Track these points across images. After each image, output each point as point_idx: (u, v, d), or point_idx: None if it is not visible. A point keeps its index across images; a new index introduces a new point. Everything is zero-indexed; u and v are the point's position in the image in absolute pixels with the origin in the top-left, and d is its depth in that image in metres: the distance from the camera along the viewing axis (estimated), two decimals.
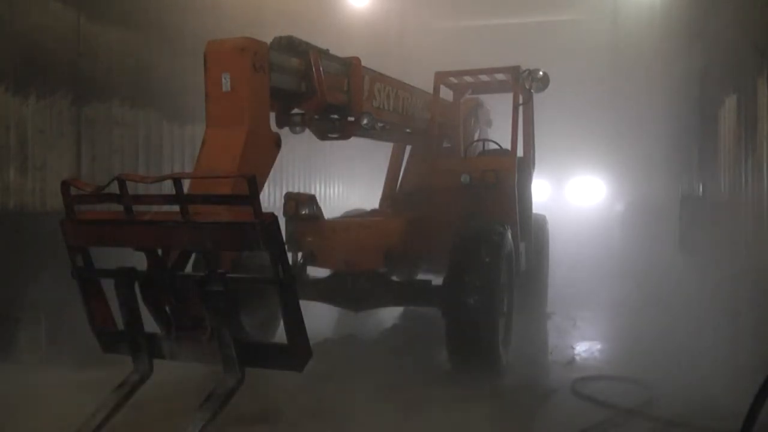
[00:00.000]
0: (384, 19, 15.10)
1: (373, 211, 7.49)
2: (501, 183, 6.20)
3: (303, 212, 6.12)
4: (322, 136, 5.38)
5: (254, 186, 2.89)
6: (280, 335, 3.27)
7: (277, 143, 4.08)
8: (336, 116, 5.15)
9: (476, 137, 7.93)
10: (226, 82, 3.81)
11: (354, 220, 6.83)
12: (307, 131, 5.05)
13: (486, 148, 7.65)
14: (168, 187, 3.06)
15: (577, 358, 6.13)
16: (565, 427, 4.52)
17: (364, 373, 5.34)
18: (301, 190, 10.59)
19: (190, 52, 7.22)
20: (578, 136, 14.68)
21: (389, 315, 7.29)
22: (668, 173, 11.10)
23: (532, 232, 7.25)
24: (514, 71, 6.74)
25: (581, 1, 14.85)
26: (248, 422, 4.22)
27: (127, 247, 3.28)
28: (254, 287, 4.21)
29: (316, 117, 4.94)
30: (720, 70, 6.65)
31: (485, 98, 8.31)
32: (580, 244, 11.52)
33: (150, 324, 3.33)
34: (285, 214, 6.06)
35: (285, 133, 4.61)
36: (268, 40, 4.30)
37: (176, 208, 3.03)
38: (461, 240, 5.47)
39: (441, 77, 7.06)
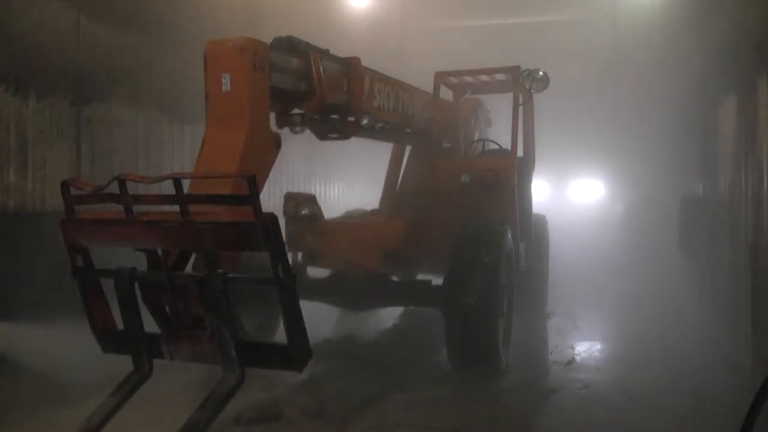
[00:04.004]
0: (384, 19, 15.08)
1: (373, 211, 7.49)
2: (501, 183, 6.20)
3: (303, 212, 6.12)
4: (322, 136, 5.38)
5: (254, 186, 2.89)
6: (280, 335, 3.26)
7: (277, 143, 4.08)
8: (336, 116, 5.15)
9: (476, 137, 7.93)
10: (225, 82, 3.81)
11: (354, 220, 6.84)
12: (307, 131, 5.05)
13: (486, 148, 7.65)
14: (168, 187, 3.06)
15: (577, 358, 6.13)
16: (564, 428, 4.52)
17: (364, 373, 5.34)
18: (301, 190, 10.59)
19: (190, 52, 7.23)
20: (578, 136, 14.67)
21: (389, 315, 7.29)
22: (668, 173, 11.10)
23: (532, 232, 7.25)
24: (514, 71, 6.74)
25: (581, 1, 14.83)
26: (248, 422, 4.22)
27: (127, 247, 3.28)
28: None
29: (316, 117, 4.94)
30: (720, 70, 6.64)
31: (485, 98, 8.31)
32: (580, 244, 11.52)
33: (150, 324, 3.33)
34: (285, 214, 6.06)
35: (285, 133, 4.61)
36: (268, 40, 4.30)
37: (176, 208, 3.02)
38: (461, 240, 5.47)
39: (441, 77, 7.06)
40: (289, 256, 5.45)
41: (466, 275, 5.21)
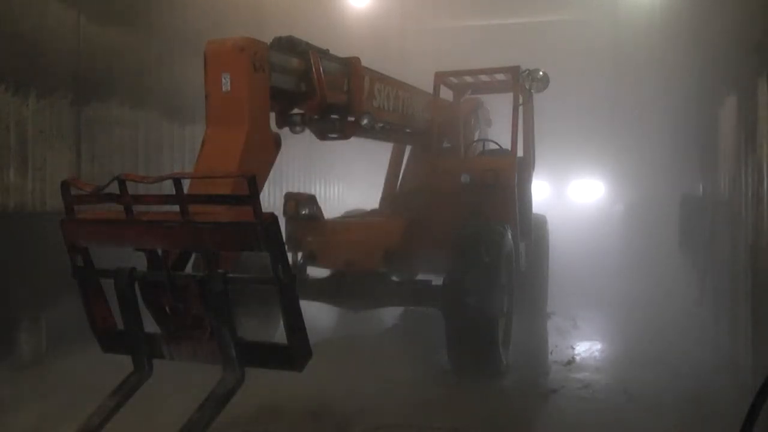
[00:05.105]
0: (384, 19, 15.08)
1: (373, 211, 7.49)
2: (501, 183, 6.20)
3: (303, 212, 6.12)
4: (322, 136, 5.38)
5: (254, 186, 2.89)
6: (280, 335, 3.27)
7: (277, 143, 4.08)
8: (336, 116, 5.15)
9: (476, 137, 7.93)
10: (225, 82, 3.81)
11: (354, 220, 6.84)
12: (307, 131, 5.05)
13: (486, 148, 7.65)
14: (168, 187, 3.06)
15: (577, 358, 6.12)
16: (564, 428, 4.52)
17: (364, 373, 5.34)
18: (301, 190, 10.59)
19: (191, 52, 7.23)
20: (578, 136, 14.69)
21: (389, 315, 7.29)
22: (668, 173, 11.09)
23: (532, 232, 7.25)
24: (514, 71, 6.74)
25: (581, 1, 14.83)
26: (248, 422, 4.22)
27: (127, 247, 3.28)
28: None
29: (316, 117, 4.94)
30: (720, 70, 6.64)
31: (485, 98, 8.31)
32: (580, 244, 11.52)
33: (150, 324, 3.33)
34: (285, 214, 6.06)
35: (285, 133, 4.61)
36: (268, 40, 4.30)
37: (176, 208, 3.02)
38: (461, 240, 5.47)
39: (441, 77, 7.06)
40: (289, 256, 5.45)
41: (466, 275, 5.21)
